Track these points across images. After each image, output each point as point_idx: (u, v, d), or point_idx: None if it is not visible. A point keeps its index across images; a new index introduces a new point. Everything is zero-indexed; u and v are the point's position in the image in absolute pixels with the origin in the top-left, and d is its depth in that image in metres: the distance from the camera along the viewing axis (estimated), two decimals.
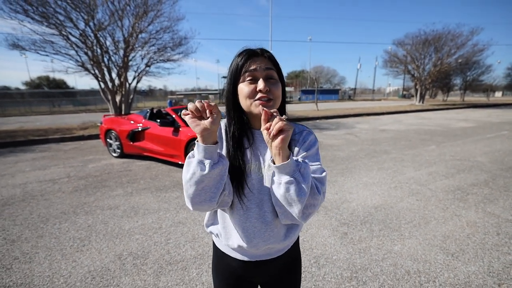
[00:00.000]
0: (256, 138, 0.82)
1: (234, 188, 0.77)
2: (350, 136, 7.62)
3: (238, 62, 0.76)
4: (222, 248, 0.91)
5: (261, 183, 0.79)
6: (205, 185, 0.68)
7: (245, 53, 0.76)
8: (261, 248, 0.81)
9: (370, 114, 14.48)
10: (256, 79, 0.74)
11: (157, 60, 10.63)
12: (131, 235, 2.44)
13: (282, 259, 0.90)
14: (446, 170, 4.23)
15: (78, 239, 2.39)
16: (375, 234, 2.38)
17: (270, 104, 0.74)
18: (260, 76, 0.74)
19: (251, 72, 0.74)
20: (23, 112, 21.14)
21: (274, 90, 0.75)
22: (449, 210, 2.82)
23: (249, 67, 0.74)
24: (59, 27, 8.09)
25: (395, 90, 70.82)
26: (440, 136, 7.40)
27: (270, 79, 0.75)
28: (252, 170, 0.80)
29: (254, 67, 0.74)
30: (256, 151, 0.82)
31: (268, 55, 0.77)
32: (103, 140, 5.80)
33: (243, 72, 0.75)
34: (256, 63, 0.74)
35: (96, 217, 2.80)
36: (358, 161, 4.85)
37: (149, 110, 5.31)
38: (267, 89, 0.73)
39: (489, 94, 38.70)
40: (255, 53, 0.76)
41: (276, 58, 0.80)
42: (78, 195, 3.45)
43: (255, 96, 0.74)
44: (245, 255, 0.86)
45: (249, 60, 0.75)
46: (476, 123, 10.49)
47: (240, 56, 0.77)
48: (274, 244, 0.82)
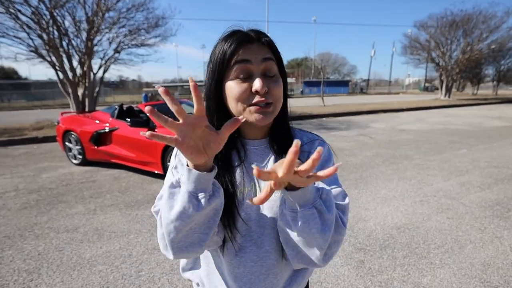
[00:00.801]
0: (250, 152, 0.74)
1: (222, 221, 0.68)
2: (364, 138, 7.62)
3: (225, 50, 0.65)
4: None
5: (258, 213, 0.71)
6: (195, 225, 0.58)
7: (235, 38, 0.65)
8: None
9: (386, 111, 14.60)
10: (250, 74, 0.64)
11: (129, 44, 10.57)
12: (92, 266, 2.34)
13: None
14: (481, 179, 4.23)
15: (24, 271, 2.28)
16: (399, 263, 2.32)
17: (270, 109, 0.65)
18: (256, 70, 0.64)
19: (243, 65, 0.63)
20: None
21: (275, 90, 0.65)
22: (488, 231, 2.79)
23: (241, 58, 0.63)
24: (6, 3, 7.92)
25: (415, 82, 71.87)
26: (471, 138, 7.46)
27: (269, 75, 0.65)
28: (245, 195, 0.71)
29: (248, 58, 0.63)
30: (251, 169, 0.72)
31: (267, 41, 0.68)
32: (61, 143, 5.68)
33: (232, 63, 0.64)
34: (251, 52, 0.64)
35: (49, 242, 2.70)
36: (374, 169, 4.82)
37: (117, 107, 5.21)
38: (265, 89, 0.63)
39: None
40: (249, 37, 0.65)
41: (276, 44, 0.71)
42: (27, 213, 3.33)
43: (250, 98, 0.64)
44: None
45: (241, 48, 0.64)
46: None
47: (227, 41, 0.65)
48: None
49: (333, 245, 0.62)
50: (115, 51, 10.35)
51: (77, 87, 9.74)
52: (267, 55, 0.65)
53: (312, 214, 0.56)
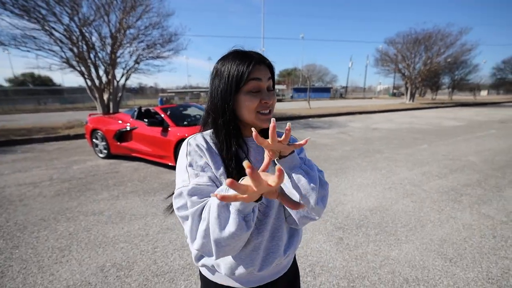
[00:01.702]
0: (250, 147, 0.76)
1: None
2: (343, 135, 7.59)
3: (242, 69, 0.67)
4: (219, 281, 0.78)
5: None
6: (244, 239, 0.60)
7: (251, 60, 0.67)
8: (272, 264, 0.75)
9: (362, 113, 14.56)
10: (259, 90, 0.69)
11: (146, 57, 10.35)
12: (115, 244, 2.30)
13: (288, 276, 0.85)
14: (439, 170, 4.22)
15: (57, 249, 2.23)
16: (372, 239, 2.31)
17: (271, 116, 0.71)
18: (263, 87, 0.69)
19: (256, 82, 0.68)
20: (7, 111, 20.38)
21: (273, 101, 0.72)
22: (445, 212, 2.79)
23: (255, 76, 0.67)
24: (42, 21, 7.72)
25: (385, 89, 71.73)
26: (431, 135, 7.46)
27: (270, 90, 0.72)
28: None
29: (260, 77, 0.68)
30: (253, 159, 0.76)
31: (269, 64, 0.72)
32: (89, 140, 5.58)
33: (247, 80, 0.67)
34: (261, 72, 0.69)
35: (79, 224, 2.64)
36: (351, 161, 4.80)
37: (137, 109, 5.11)
38: (272, 102, 0.70)
39: (476, 92, 39.61)
40: (260, 61, 0.69)
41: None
42: (60, 199, 3.26)
43: (260, 108, 0.69)
44: (249, 282, 0.77)
45: (255, 68, 0.68)
46: (466, 121, 10.66)
47: (244, 62, 0.67)
48: (280, 257, 0.77)
49: (324, 199, 0.70)
50: (135, 62, 10.16)
51: (103, 93, 9.56)
52: (269, 75, 0.71)
53: (301, 173, 0.64)
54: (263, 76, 0.68)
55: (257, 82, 0.68)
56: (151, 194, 3.38)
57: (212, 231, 0.56)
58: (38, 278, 1.89)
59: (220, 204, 0.55)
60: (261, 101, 0.68)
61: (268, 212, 0.74)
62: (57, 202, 3.18)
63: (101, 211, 2.92)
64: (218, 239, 0.56)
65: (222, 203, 0.54)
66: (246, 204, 0.53)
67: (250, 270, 0.73)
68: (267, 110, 0.69)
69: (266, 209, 0.74)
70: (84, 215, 2.83)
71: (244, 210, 0.54)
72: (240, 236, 0.56)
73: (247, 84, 0.67)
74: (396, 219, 2.65)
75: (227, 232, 0.55)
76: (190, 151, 0.71)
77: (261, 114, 0.69)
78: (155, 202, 3.15)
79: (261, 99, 0.68)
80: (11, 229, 2.57)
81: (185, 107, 5.45)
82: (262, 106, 0.69)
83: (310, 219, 0.72)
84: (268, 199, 0.73)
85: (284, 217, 0.78)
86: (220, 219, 0.55)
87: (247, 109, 0.68)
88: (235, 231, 0.54)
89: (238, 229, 0.54)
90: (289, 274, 0.86)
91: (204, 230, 0.59)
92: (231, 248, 0.59)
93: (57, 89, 30.34)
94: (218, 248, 0.58)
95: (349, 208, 2.91)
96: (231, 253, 0.62)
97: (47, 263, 2.05)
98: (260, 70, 0.68)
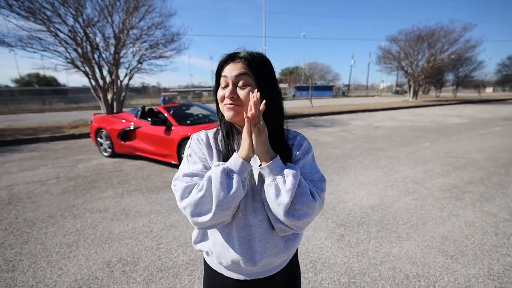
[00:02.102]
0: None
1: None
2: (345, 133, 7.58)
3: (217, 68, 0.78)
4: (214, 267, 0.84)
5: (253, 191, 0.76)
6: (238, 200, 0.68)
7: (223, 58, 0.77)
8: (258, 262, 0.75)
9: (364, 111, 14.49)
10: (228, 84, 0.74)
11: (149, 57, 10.40)
12: (120, 240, 2.34)
13: (281, 277, 0.84)
14: (441, 167, 4.21)
15: (65, 244, 2.29)
16: (373, 236, 2.32)
17: (238, 109, 0.74)
18: (229, 82, 0.74)
19: (223, 78, 0.75)
20: (13, 110, 20.64)
21: (243, 97, 0.73)
22: (446, 210, 2.79)
23: (223, 73, 0.75)
24: (47, 22, 7.81)
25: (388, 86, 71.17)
26: (434, 133, 7.42)
27: (241, 86, 0.73)
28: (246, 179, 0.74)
29: (225, 73, 0.74)
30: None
31: (245, 59, 0.74)
32: (94, 139, 5.65)
33: (219, 77, 0.77)
34: (230, 68, 0.74)
35: (85, 221, 2.69)
36: (353, 159, 4.80)
37: (140, 108, 5.16)
38: (232, 96, 0.73)
39: (481, 90, 39.18)
40: (231, 57, 0.75)
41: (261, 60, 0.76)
42: (66, 197, 3.32)
43: (225, 100, 0.75)
44: (241, 273, 0.80)
45: (224, 66, 0.76)
46: (469, 119, 10.58)
47: (220, 60, 0.77)
48: (271, 258, 0.77)
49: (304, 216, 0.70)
50: (138, 62, 10.22)
51: (107, 92, 9.64)
52: (242, 71, 0.73)
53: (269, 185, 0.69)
54: (228, 72, 0.73)
55: (224, 79, 0.75)
56: (155, 192, 3.43)
57: (217, 195, 0.65)
58: (47, 272, 1.94)
59: (223, 171, 0.66)
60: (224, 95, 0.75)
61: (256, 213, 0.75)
62: (64, 200, 3.24)
63: (106, 209, 2.97)
64: (221, 200, 0.65)
65: (225, 170, 0.66)
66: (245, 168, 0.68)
67: (236, 263, 0.76)
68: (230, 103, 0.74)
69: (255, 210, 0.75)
70: (90, 212, 2.88)
71: (242, 174, 0.68)
72: (240, 196, 0.67)
73: (219, 80, 0.76)
74: (398, 217, 2.66)
75: (231, 193, 0.65)
76: (192, 144, 0.81)
77: (225, 105, 0.75)
78: (158, 199, 3.19)
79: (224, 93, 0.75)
80: (21, 225, 2.63)
81: (187, 106, 5.48)
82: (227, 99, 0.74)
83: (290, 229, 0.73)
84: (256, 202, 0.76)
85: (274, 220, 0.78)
86: (223, 183, 0.65)
87: (219, 102, 0.78)
88: (236, 191, 0.65)
89: (239, 190, 0.66)
90: (285, 273, 0.85)
91: (200, 198, 0.67)
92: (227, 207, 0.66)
93: (62, 89, 30.62)
94: (218, 209, 0.65)
95: (350, 206, 2.92)
96: (225, 217, 0.69)
97: (56, 258, 2.10)
98: (229, 67, 0.74)
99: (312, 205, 0.69)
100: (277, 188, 0.67)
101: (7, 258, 2.11)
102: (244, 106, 0.73)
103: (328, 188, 3.46)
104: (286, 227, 0.72)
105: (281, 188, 0.67)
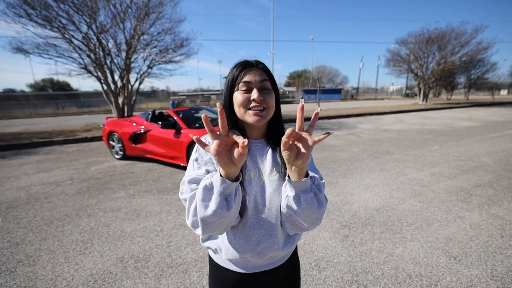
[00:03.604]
0: (252, 147, 0.83)
1: None
2: (353, 137, 7.58)
3: (234, 73, 0.78)
4: (221, 263, 0.89)
5: (263, 190, 0.80)
6: (227, 218, 0.67)
7: (240, 64, 0.79)
8: (266, 256, 0.81)
9: (372, 114, 14.41)
10: (251, 89, 0.76)
11: (159, 61, 10.67)
12: (133, 238, 2.45)
13: (284, 268, 0.90)
14: (449, 171, 4.19)
15: (80, 241, 2.41)
16: (377, 237, 2.36)
17: (264, 113, 0.76)
18: (254, 87, 0.75)
19: (246, 83, 0.75)
20: (28, 114, 21.39)
21: (268, 100, 0.76)
22: (452, 212, 2.80)
23: (244, 78, 0.76)
24: (62, 30, 8.17)
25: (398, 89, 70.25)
26: (443, 136, 7.34)
27: (264, 89, 0.77)
28: (252, 177, 0.80)
29: (249, 78, 0.75)
30: (254, 159, 0.82)
31: (263, 67, 0.79)
32: (106, 142, 5.84)
33: (237, 82, 0.77)
34: (251, 74, 0.76)
35: (99, 220, 2.83)
36: (360, 162, 4.82)
37: (150, 112, 5.33)
38: (261, 98, 0.74)
39: (494, 92, 38.26)
40: (250, 64, 0.78)
41: (269, 69, 0.82)
42: (81, 197, 3.47)
43: (248, 105, 0.76)
44: (247, 268, 0.85)
45: (244, 71, 0.77)
46: (480, 122, 10.39)
47: (236, 67, 0.79)
48: (277, 251, 0.82)
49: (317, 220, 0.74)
50: (148, 67, 10.50)
51: (118, 97, 9.94)
52: (263, 76, 0.77)
53: (311, 197, 0.69)
54: (253, 79, 0.75)
55: (247, 84, 0.75)
56: (165, 193, 3.55)
57: (199, 210, 0.66)
58: (65, 267, 2.06)
59: (205, 188, 0.65)
60: (250, 98, 0.75)
61: (264, 211, 0.79)
62: (78, 200, 3.39)
63: (119, 208, 3.10)
64: (203, 217, 0.66)
65: (208, 187, 0.65)
66: (226, 186, 0.63)
67: (244, 258, 0.82)
68: (257, 106, 0.75)
69: (263, 208, 0.79)
70: (103, 212, 3.02)
71: (225, 191, 0.64)
72: (222, 214, 0.65)
73: (238, 85, 0.76)
74: (402, 218, 2.69)
75: (210, 211, 0.64)
76: (198, 148, 0.81)
77: (250, 110, 0.75)
78: (168, 200, 3.31)
79: (249, 96, 0.75)
80: (39, 223, 2.78)
81: (196, 110, 5.62)
82: (251, 102, 0.75)
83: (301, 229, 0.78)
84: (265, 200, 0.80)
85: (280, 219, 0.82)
86: (204, 200, 0.65)
87: (237, 105, 0.76)
88: (216, 209, 0.64)
89: (219, 208, 0.64)
90: (287, 265, 0.91)
91: (194, 209, 0.69)
92: (216, 225, 0.68)
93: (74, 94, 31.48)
94: (204, 224, 0.67)
95: (355, 207, 2.96)
96: (217, 230, 0.71)
97: (72, 254, 2.22)
98: (250, 72, 0.76)
99: (323, 210, 0.75)
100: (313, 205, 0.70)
101: (28, 253, 2.25)
102: (269, 109, 0.77)
103: (334, 190, 3.51)
104: (301, 231, 0.79)
105: (317, 204, 0.70)
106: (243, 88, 0.76)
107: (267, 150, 0.83)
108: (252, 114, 0.75)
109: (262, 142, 0.84)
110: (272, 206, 0.79)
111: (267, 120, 0.77)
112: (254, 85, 0.75)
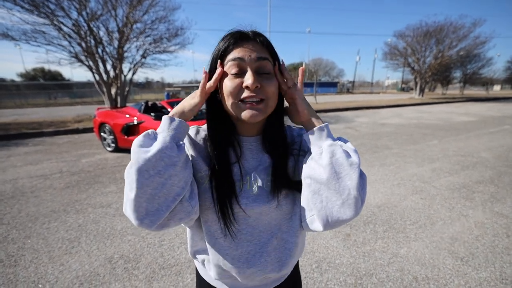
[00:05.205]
0: (245, 148, 0.66)
1: (220, 212, 0.61)
2: (350, 130, 7.48)
3: (220, 47, 0.57)
4: (208, 280, 0.75)
5: (255, 202, 0.63)
6: (176, 173, 0.50)
7: (230, 35, 0.56)
8: (258, 277, 0.67)
9: (369, 108, 14.31)
10: (244, 71, 0.55)
11: (153, 51, 10.34)
12: (123, 236, 2.32)
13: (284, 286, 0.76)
14: (450, 166, 4.12)
15: (67, 240, 2.27)
16: (380, 236, 2.27)
17: (261, 106, 0.56)
18: (248, 67, 0.54)
19: (237, 62, 0.54)
20: (19, 105, 20.77)
21: (267, 88, 0.56)
22: (456, 210, 2.72)
23: (234, 55, 0.55)
24: (50, 16, 7.77)
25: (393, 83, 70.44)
26: (441, 131, 7.28)
27: (263, 73, 0.56)
28: (243, 188, 0.63)
29: (241, 54, 0.54)
30: (246, 164, 0.65)
31: (262, 40, 0.57)
32: (97, 134, 5.64)
33: (226, 61, 0.56)
34: (245, 50, 0.55)
35: (87, 216, 2.68)
36: None
37: (144, 103, 5.14)
38: (257, 85, 0.53)
39: (489, 87, 38.51)
40: (244, 35, 0.56)
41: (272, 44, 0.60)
42: (69, 192, 3.31)
43: (240, 94, 0.55)
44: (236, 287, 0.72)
45: (235, 45, 0.55)
46: (477, 117, 10.38)
47: (224, 40, 0.57)
48: (271, 273, 0.67)
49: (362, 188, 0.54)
50: (141, 56, 10.17)
51: (111, 87, 9.64)
52: (262, 54, 0.56)
53: (335, 145, 0.55)
54: (246, 55, 0.54)
55: (239, 63, 0.54)
56: None
57: (137, 158, 0.48)
58: (49, 268, 1.92)
59: (146, 135, 0.52)
60: (242, 84, 0.54)
61: (253, 224, 0.64)
62: (67, 194, 3.22)
63: (109, 204, 2.95)
64: (142, 164, 0.47)
65: (150, 134, 0.53)
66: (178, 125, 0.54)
67: (232, 278, 0.68)
68: (252, 96, 0.54)
69: (252, 221, 0.64)
70: (93, 208, 2.86)
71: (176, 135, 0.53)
72: (170, 158, 0.49)
73: (227, 65, 0.55)
74: (405, 216, 2.60)
75: (154, 150, 0.49)
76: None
77: (243, 102, 0.55)
78: None
79: (242, 82, 0.54)
80: (23, 220, 2.62)
81: None
82: (243, 91, 0.55)
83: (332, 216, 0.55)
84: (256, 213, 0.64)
85: (275, 232, 0.66)
86: (144, 146, 0.50)
87: (226, 95, 0.56)
88: (162, 148, 0.49)
89: (167, 149, 0.49)
90: (285, 284, 0.76)
91: (129, 166, 0.50)
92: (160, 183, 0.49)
93: (67, 84, 30.72)
94: (141, 179, 0.47)
95: None
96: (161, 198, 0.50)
97: (58, 253, 2.08)
98: (244, 47, 0.55)
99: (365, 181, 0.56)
100: (338, 154, 0.53)
101: (9, 253, 2.10)
102: (269, 100, 0.57)
103: None
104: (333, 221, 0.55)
105: (343, 154, 0.53)
106: (232, 70, 0.55)
107: (262, 154, 0.66)
108: (244, 108, 0.55)
109: (257, 141, 0.66)
110: (265, 218, 0.64)
111: (266, 115, 0.58)
112: (248, 64, 0.54)
